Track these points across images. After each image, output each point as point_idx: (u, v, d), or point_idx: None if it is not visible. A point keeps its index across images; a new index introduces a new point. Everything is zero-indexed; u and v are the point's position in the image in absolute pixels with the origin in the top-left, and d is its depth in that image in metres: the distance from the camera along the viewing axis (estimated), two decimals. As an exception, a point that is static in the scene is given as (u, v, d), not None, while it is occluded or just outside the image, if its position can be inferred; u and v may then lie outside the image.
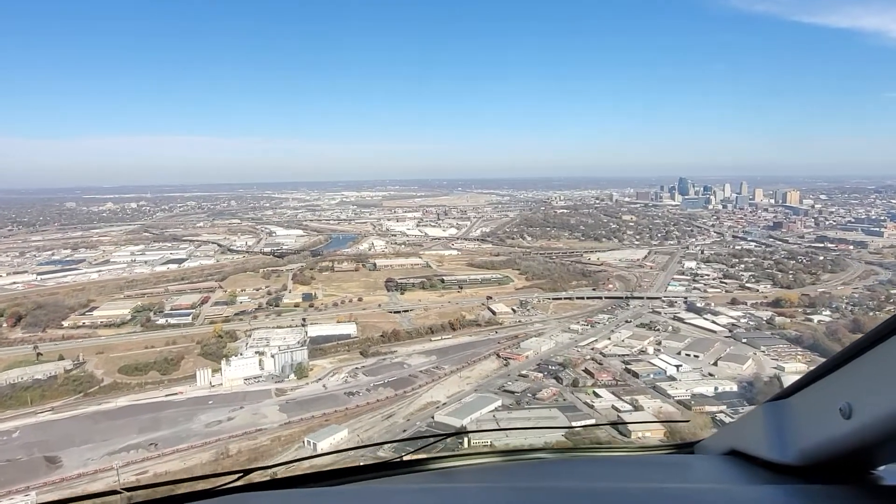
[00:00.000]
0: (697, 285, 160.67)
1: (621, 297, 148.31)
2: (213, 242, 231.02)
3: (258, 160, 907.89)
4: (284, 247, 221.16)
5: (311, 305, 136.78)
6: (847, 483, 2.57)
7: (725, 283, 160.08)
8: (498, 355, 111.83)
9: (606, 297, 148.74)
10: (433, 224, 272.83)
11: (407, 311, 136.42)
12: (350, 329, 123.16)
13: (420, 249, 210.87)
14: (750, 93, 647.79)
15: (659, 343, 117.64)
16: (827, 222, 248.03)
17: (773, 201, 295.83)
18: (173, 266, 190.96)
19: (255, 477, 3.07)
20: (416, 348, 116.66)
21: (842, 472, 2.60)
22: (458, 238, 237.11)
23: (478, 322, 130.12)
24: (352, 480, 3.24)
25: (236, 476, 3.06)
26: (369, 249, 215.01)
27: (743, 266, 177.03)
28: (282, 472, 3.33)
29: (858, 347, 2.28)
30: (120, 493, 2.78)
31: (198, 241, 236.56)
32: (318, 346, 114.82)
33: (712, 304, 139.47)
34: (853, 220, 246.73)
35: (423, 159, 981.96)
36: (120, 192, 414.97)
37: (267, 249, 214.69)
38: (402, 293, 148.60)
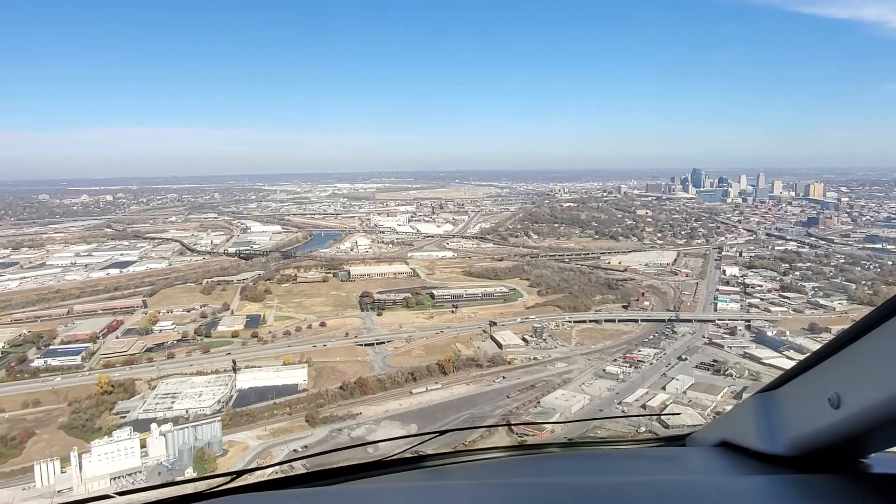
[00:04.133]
0: (752, 299, 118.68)
1: (663, 321, 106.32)
2: (176, 241, 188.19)
3: (252, 152, 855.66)
4: (255, 246, 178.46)
5: (254, 335, 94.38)
6: (837, 472, 2.48)
7: (787, 298, 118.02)
8: (510, 428, 69.75)
9: (643, 320, 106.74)
10: (427, 219, 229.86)
11: (382, 342, 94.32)
12: (299, 376, 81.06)
13: (409, 250, 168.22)
14: (749, 84, 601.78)
15: (739, 398, 75.87)
16: (863, 218, 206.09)
17: (793, 194, 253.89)
18: (114, 271, 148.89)
19: (248, 478, 2.88)
20: (389, 408, 74.62)
21: (831, 462, 2.50)
22: (453, 235, 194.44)
23: (477, 360, 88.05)
24: (345, 480, 3.01)
25: (229, 478, 2.86)
26: (351, 249, 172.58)
27: (799, 274, 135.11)
28: (274, 473, 3.13)
29: (846, 338, 2.16)
30: (112, 496, 2.64)
31: (160, 238, 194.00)
32: (246, 409, 72.86)
33: (787, 333, 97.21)
34: (894, 216, 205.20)
35: (419, 151, 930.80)
36: (107, 184, 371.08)
37: (232, 250, 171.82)
38: (379, 313, 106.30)
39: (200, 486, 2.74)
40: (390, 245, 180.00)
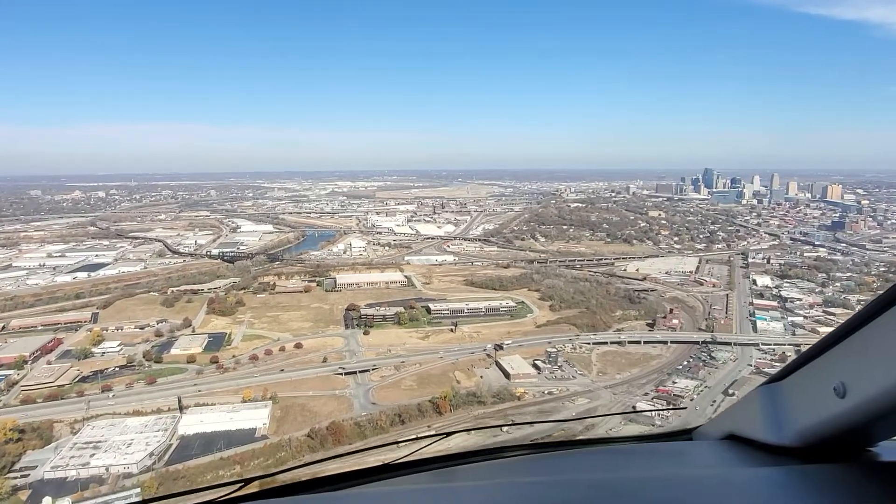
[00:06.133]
0: (794, 317, 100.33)
1: (697, 343, 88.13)
2: (159, 240, 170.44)
3: (255, 149, 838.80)
4: (242, 247, 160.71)
5: (213, 360, 76.23)
6: (844, 461, 2.44)
7: (834, 316, 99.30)
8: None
9: (674, 342, 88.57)
10: (428, 219, 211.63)
11: (367, 370, 76.30)
12: (259, 418, 63.07)
13: (407, 253, 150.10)
14: (754, 85, 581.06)
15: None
16: (889, 222, 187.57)
17: (809, 196, 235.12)
18: (83, 275, 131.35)
19: (257, 486, 2.84)
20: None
21: (838, 451, 2.46)
22: (455, 237, 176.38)
23: (480, 395, 69.80)
24: (353, 485, 2.95)
25: (237, 486, 2.80)
26: (345, 252, 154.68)
27: (840, 285, 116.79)
28: (283, 480, 2.96)
29: (850, 327, 2.13)
30: None
31: (143, 238, 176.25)
32: (183, 466, 54.90)
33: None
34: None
35: (422, 150, 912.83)
36: (108, 181, 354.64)
37: (216, 251, 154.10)
38: (365, 332, 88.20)
39: (208, 495, 2.68)
40: (387, 247, 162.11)
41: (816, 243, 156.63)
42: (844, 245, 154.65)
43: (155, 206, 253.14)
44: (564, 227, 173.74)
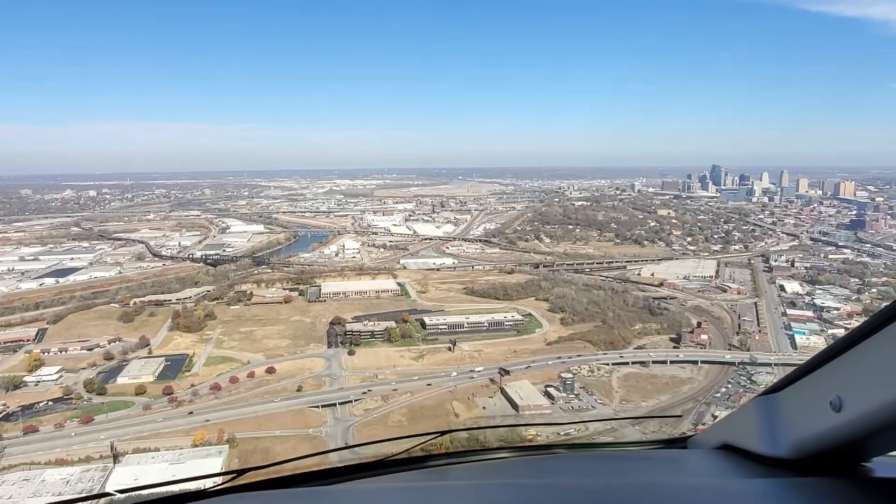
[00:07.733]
0: (834, 329, 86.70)
1: (732, 363, 74.56)
2: (142, 242, 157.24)
3: (254, 148, 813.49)
4: (229, 249, 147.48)
5: (166, 391, 62.81)
6: (838, 475, 2.37)
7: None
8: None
9: (705, 362, 75.00)
10: (426, 218, 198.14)
11: (348, 401, 62.86)
12: (209, 469, 49.90)
13: (403, 255, 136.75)
14: (756, 82, 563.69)
15: None
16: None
17: (820, 193, 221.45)
18: (51, 280, 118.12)
19: (249, 477, 2.79)
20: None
21: (833, 465, 2.39)
22: (455, 237, 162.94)
23: (483, 435, 56.69)
24: (346, 479, 2.89)
25: (230, 476, 2.75)
26: (337, 254, 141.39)
27: (876, 291, 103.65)
28: (276, 472, 2.93)
29: (848, 341, 2.07)
30: (112, 494, 2.61)
31: (126, 239, 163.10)
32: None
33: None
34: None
35: (422, 148, 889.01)
36: (106, 180, 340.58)
37: (199, 254, 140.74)
38: (351, 352, 74.75)
39: (202, 484, 2.63)
40: (382, 249, 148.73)
41: (840, 244, 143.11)
42: (869, 246, 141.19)
43: (146, 205, 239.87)
44: (570, 226, 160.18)
